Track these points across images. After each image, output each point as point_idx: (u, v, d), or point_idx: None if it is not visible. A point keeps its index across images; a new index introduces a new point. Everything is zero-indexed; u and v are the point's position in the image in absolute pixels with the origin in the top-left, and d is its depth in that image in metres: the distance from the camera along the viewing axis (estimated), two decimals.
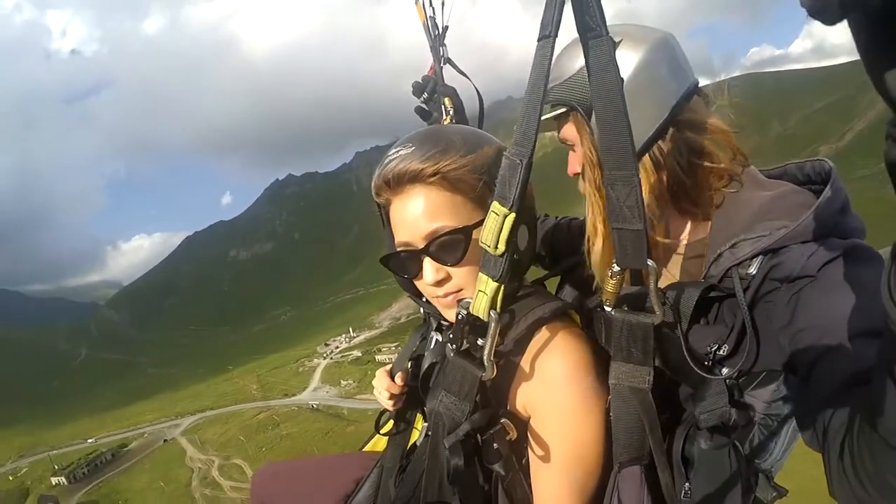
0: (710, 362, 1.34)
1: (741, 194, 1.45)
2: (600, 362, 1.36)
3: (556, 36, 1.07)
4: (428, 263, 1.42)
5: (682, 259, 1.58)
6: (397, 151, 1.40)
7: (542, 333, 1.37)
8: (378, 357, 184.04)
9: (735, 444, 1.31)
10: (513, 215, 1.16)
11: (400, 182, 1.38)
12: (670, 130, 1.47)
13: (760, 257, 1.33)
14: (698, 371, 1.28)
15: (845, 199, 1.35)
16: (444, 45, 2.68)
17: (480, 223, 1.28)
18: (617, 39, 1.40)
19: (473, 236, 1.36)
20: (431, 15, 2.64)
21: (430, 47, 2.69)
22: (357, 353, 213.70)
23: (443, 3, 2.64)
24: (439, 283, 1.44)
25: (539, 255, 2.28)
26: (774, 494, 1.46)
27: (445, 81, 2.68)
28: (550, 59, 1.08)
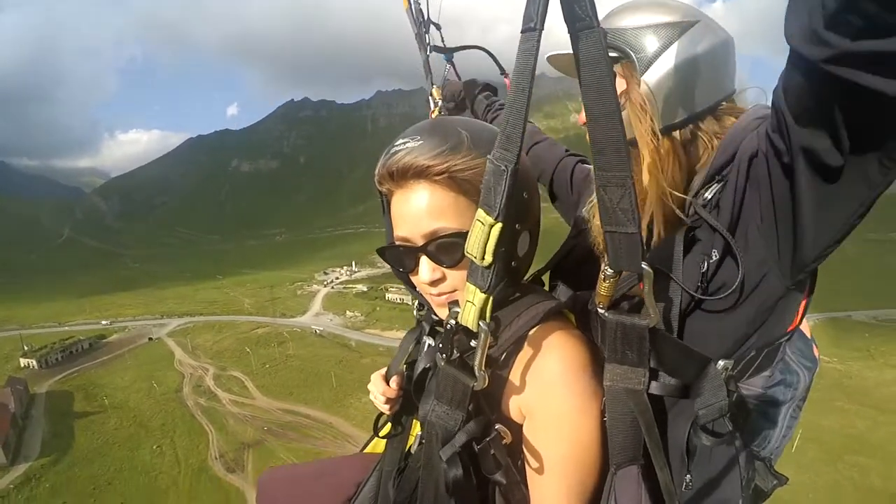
0: (707, 284, 1.35)
1: None
2: (596, 363, 1.35)
3: (542, 28, 1.01)
4: (424, 262, 1.40)
5: None
6: (404, 143, 1.35)
7: (537, 335, 1.34)
8: (388, 296, 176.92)
9: (734, 434, 1.32)
10: (499, 225, 1.12)
11: (404, 176, 1.34)
12: (712, 115, 1.51)
13: (716, 186, 1.39)
14: (696, 295, 1.33)
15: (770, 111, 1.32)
16: (437, 29, 2.63)
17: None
18: (694, 19, 1.47)
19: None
20: (417, 2, 2.60)
21: (416, 35, 2.64)
22: (362, 287, 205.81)
23: None
24: (434, 283, 1.41)
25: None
26: (775, 482, 1.48)
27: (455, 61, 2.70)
28: (536, 54, 1.03)
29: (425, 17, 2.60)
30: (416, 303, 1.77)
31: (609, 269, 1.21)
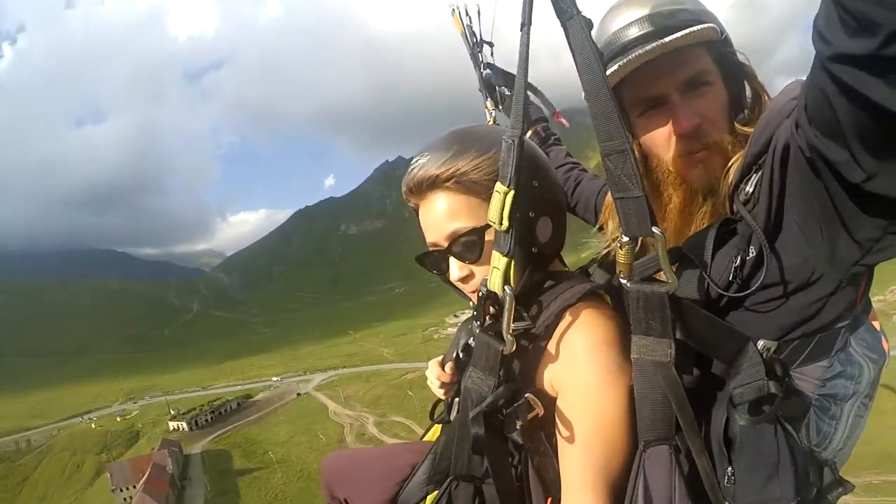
0: (740, 279, 1.32)
1: None
2: (627, 339, 1.34)
3: (531, 24, 1.17)
4: (452, 262, 1.50)
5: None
6: (416, 160, 1.49)
7: (570, 314, 1.38)
8: None
9: (782, 423, 1.23)
10: (512, 192, 1.23)
11: (420, 189, 1.47)
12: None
13: (755, 177, 1.33)
14: (721, 291, 1.31)
15: None
16: (490, 51, 2.84)
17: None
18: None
19: (490, 236, 1.41)
20: (468, 24, 2.82)
21: (470, 55, 2.87)
22: None
23: (478, 13, 2.83)
24: (464, 280, 1.51)
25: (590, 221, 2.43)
26: (840, 489, 1.35)
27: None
28: (528, 48, 1.17)
29: (478, 38, 2.82)
30: None
31: (624, 237, 1.23)
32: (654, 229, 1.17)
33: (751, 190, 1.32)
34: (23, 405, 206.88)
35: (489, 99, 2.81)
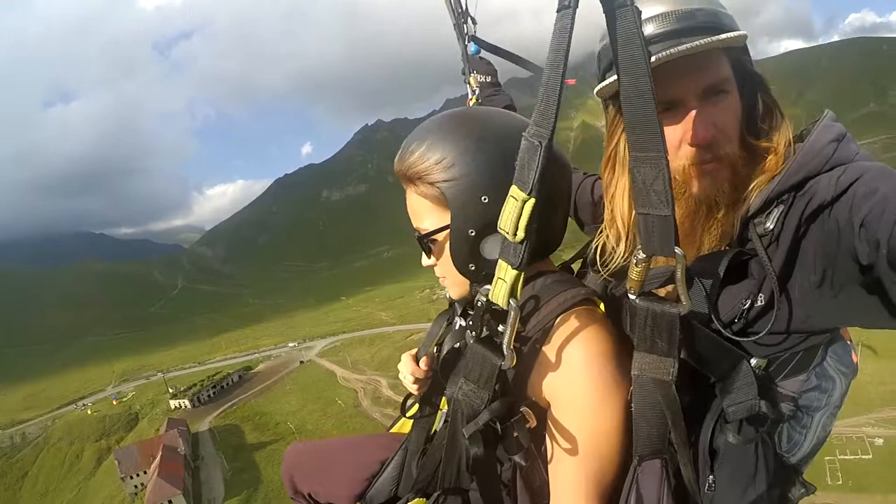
0: (745, 320, 1.30)
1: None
2: (623, 352, 1.33)
3: (577, 6, 1.02)
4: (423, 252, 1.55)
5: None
6: (403, 145, 1.46)
7: (564, 321, 1.35)
8: None
9: (763, 438, 1.28)
10: (532, 200, 1.12)
11: (399, 177, 1.47)
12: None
13: (777, 210, 1.28)
14: (726, 333, 1.27)
15: (841, 132, 1.30)
16: (473, 23, 2.80)
17: (438, 231, 1.43)
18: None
19: (438, 238, 1.45)
20: None
21: (454, 25, 2.80)
22: None
23: None
24: (430, 267, 1.54)
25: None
26: (802, 491, 1.43)
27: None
28: (570, 32, 1.03)
29: (463, 8, 2.75)
30: None
31: (641, 254, 1.18)
32: (677, 250, 1.13)
33: (771, 226, 1.28)
34: (13, 397, 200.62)
35: (472, 74, 2.73)
